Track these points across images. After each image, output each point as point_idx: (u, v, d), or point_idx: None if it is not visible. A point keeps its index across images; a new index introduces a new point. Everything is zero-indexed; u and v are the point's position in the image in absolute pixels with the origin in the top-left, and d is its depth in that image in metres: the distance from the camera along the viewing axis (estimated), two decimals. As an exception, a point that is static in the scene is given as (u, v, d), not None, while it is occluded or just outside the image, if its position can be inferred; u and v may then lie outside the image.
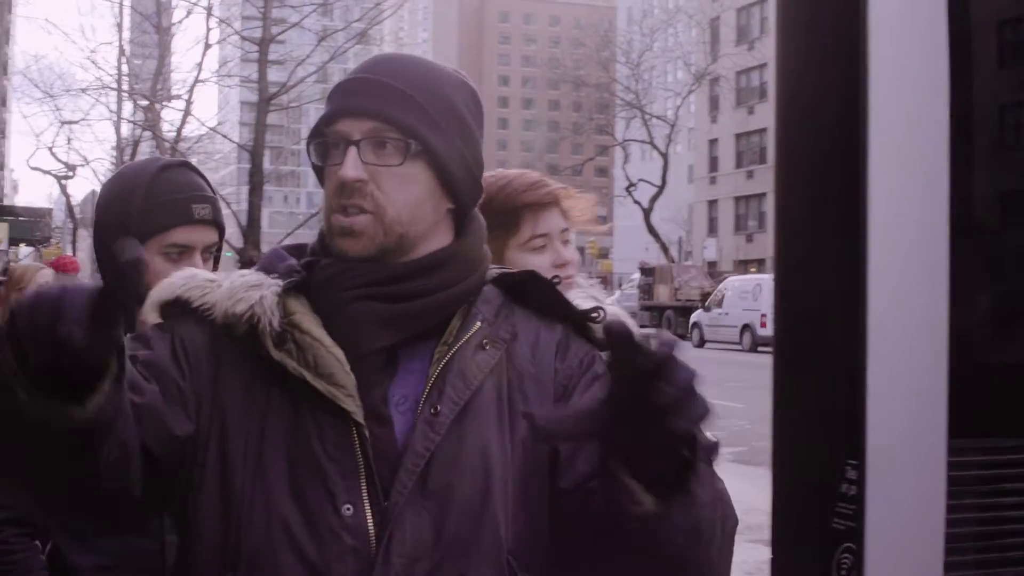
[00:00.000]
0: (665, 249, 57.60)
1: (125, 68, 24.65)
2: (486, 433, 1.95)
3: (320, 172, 2.04)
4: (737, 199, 68.88)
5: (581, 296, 2.17)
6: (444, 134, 2.00)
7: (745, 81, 67.22)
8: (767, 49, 63.90)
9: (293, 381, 1.92)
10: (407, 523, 1.88)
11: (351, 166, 1.94)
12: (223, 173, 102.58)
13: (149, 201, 2.96)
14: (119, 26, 25.40)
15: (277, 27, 18.84)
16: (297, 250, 2.11)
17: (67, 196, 47.68)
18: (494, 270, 2.16)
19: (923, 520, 2.05)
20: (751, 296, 39.16)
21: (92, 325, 1.58)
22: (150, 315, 2.07)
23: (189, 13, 23.11)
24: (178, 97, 22.46)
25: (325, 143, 2.00)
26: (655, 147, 57.69)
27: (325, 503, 1.87)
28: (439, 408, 1.93)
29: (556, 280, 2.14)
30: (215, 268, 3.08)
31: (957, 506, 2.07)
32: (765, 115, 65.17)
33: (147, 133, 24.32)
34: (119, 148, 25.49)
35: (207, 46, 21.45)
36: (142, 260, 1.61)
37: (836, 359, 2.12)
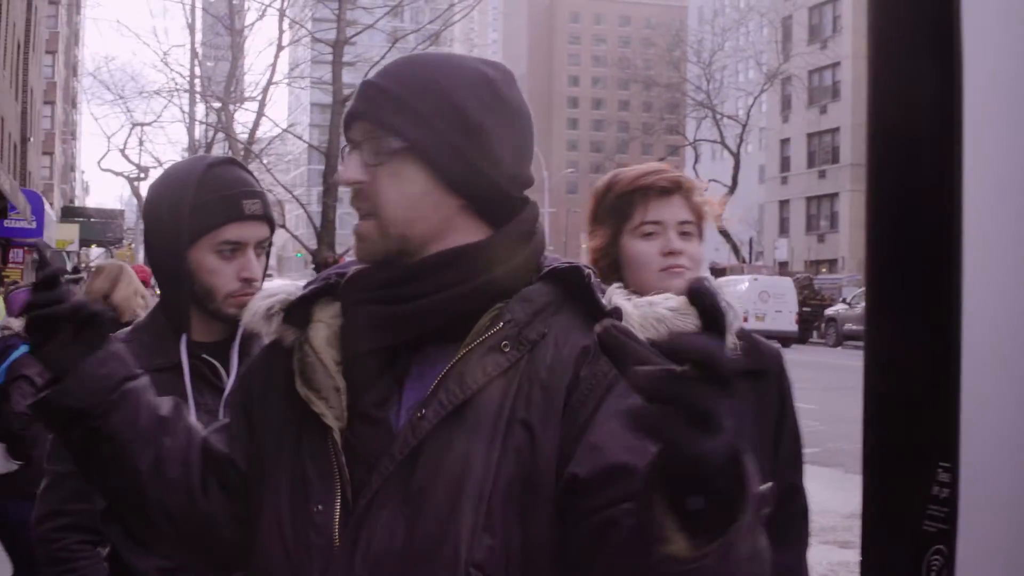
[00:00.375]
0: (736, 249, 57.31)
1: (198, 70, 24.80)
2: (475, 439, 1.86)
3: None
4: (809, 199, 68.37)
5: (620, 294, 2.06)
6: (435, 130, 1.94)
7: (817, 80, 66.69)
8: (840, 48, 63.43)
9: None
10: (378, 527, 1.85)
11: (348, 168, 1.97)
12: (294, 175, 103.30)
13: (200, 198, 2.98)
14: (191, 28, 25.58)
15: (351, 29, 18.86)
16: None
17: (138, 197, 48.17)
18: (554, 263, 2.04)
19: (1016, 522, 2.05)
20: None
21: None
22: (256, 323, 2.13)
23: (262, 15, 23.31)
24: (251, 99, 22.58)
25: (344, 148, 2.09)
26: (726, 147, 57.39)
27: (303, 502, 1.92)
28: (425, 412, 1.87)
29: (590, 277, 2.00)
30: (266, 264, 3.13)
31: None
32: (838, 114, 64.67)
33: (220, 135, 24.46)
34: (192, 149, 25.67)
35: (280, 48, 21.55)
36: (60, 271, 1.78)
37: (929, 359, 2.12)
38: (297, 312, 2.05)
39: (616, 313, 1.96)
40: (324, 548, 1.88)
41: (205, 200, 2.98)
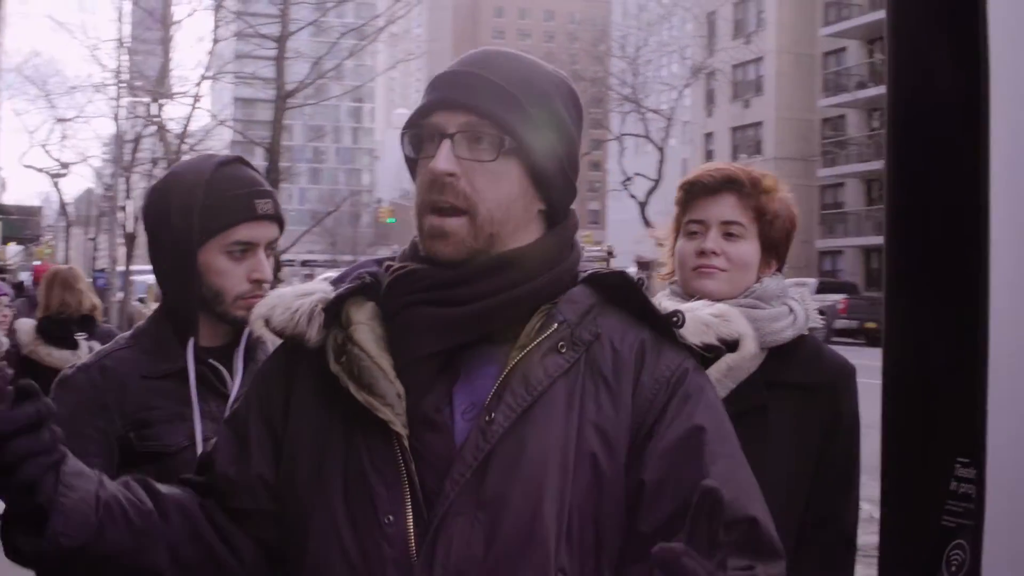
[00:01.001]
0: (661, 244, 57.31)
1: (126, 61, 24.49)
2: (547, 443, 1.86)
3: (412, 164, 2.00)
4: (732, 193, 68.66)
5: (667, 297, 2.12)
6: (540, 132, 1.94)
7: (741, 74, 67.02)
8: (763, 42, 63.87)
9: (348, 394, 1.90)
10: (454, 535, 1.82)
11: (443, 158, 1.89)
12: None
13: (210, 198, 2.89)
14: (120, 20, 25.30)
15: (293, 24, 18.69)
16: (382, 259, 2.10)
17: (60, 193, 47.48)
18: (589, 270, 2.07)
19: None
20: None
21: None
22: (256, 325, 2.06)
23: (195, 11, 23.04)
24: (183, 93, 22.34)
25: (419, 135, 1.96)
26: (651, 141, 57.52)
27: (370, 514, 1.86)
28: (494, 415, 1.86)
29: (640, 282, 2.04)
30: (273, 265, 3.04)
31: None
32: (761, 108, 65.08)
33: (149, 128, 24.21)
34: (119, 144, 25.33)
35: (215, 41, 21.30)
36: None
37: (951, 352, 2.10)
38: (330, 312, 1.98)
39: (677, 316, 1.99)
40: (400, 561, 1.83)
41: (216, 200, 2.90)
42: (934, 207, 2.14)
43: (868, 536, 2.38)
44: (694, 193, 2.81)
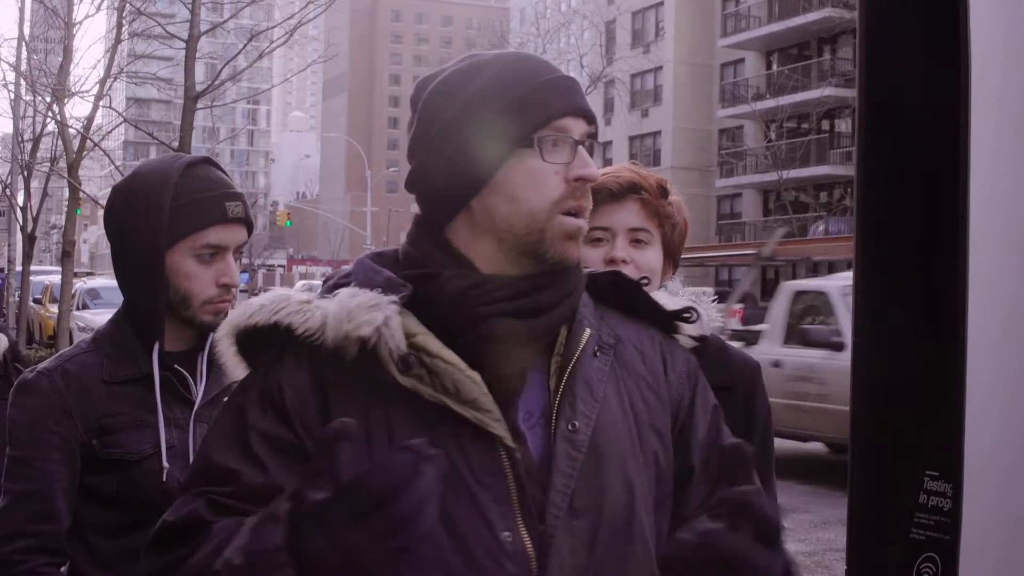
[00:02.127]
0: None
1: (27, 59, 24.15)
2: (620, 446, 1.92)
3: (495, 167, 1.89)
4: (630, 201, 69.25)
5: (665, 298, 2.12)
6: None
7: (640, 84, 67.68)
8: (662, 52, 64.59)
9: (421, 406, 1.82)
10: (563, 545, 1.83)
11: (594, 165, 1.89)
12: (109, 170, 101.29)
13: (179, 200, 2.79)
14: (21, 17, 24.98)
15: (204, 24, 18.49)
16: (382, 259, 1.99)
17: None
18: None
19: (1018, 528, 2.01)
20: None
21: None
22: (224, 343, 1.94)
23: (99, 9, 22.60)
24: (82, 93, 22.01)
25: (547, 138, 1.88)
26: (550, 148, 57.86)
27: (481, 530, 1.81)
28: (576, 424, 1.88)
29: (645, 281, 2.09)
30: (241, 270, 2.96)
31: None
32: (659, 118, 65.73)
33: (49, 127, 23.91)
34: (16, 140, 24.97)
35: (118, 40, 21.04)
36: None
37: (922, 366, 2.07)
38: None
39: (690, 312, 2.09)
40: None
41: (185, 202, 2.79)
42: (908, 211, 2.10)
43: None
44: (598, 199, 2.71)
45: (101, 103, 20.98)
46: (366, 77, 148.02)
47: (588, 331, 1.96)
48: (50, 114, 22.37)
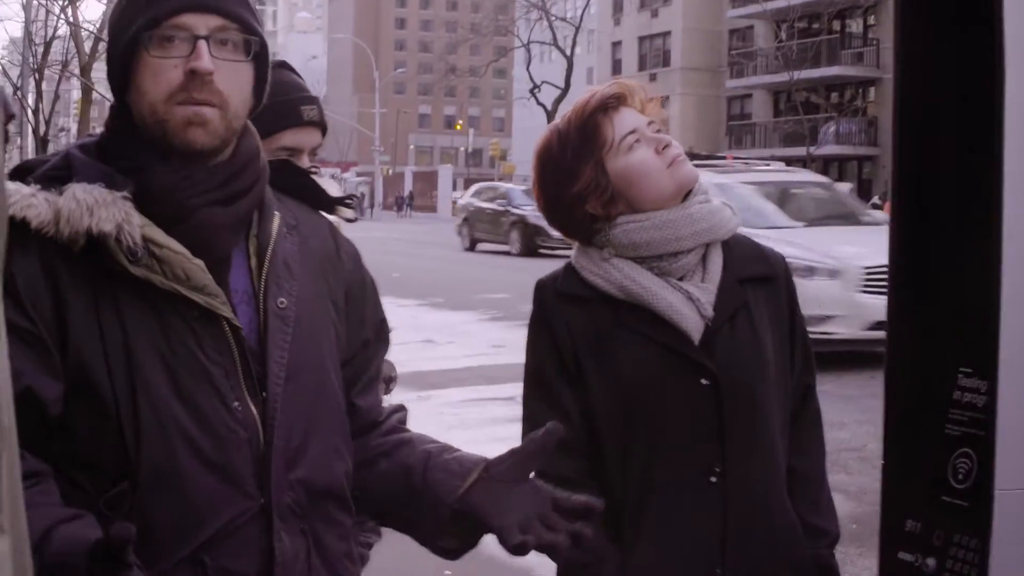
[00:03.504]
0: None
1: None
2: (314, 318, 2.14)
3: (136, 63, 2.02)
4: (639, 102, 68.61)
5: (329, 184, 2.38)
6: (263, 39, 2.11)
7: (649, -17, 66.98)
8: (672, -48, 63.66)
9: (151, 293, 1.96)
10: (280, 409, 2.04)
11: (208, 59, 1.99)
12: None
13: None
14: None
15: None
16: (87, 151, 2.08)
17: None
18: None
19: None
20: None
21: None
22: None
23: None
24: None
25: (163, 35, 2.00)
26: (559, 49, 57.49)
27: (216, 403, 1.99)
28: (284, 301, 2.09)
29: (314, 169, 2.36)
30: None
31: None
32: (668, 18, 65.05)
33: (61, 30, 23.70)
34: (29, 44, 24.79)
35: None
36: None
37: (957, 265, 2.12)
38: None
39: (351, 197, 2.46)
40: (253, 440, 2.02)
41: (262, 106, 2.81)
42: (945, 108, 2.14)
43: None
44: (608, 112, 2.74)
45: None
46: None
47: (277, 215, 2.14)
48: (63, 17, 22.22)
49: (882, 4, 50.35)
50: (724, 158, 20.54)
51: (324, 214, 2.34)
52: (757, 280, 2.79)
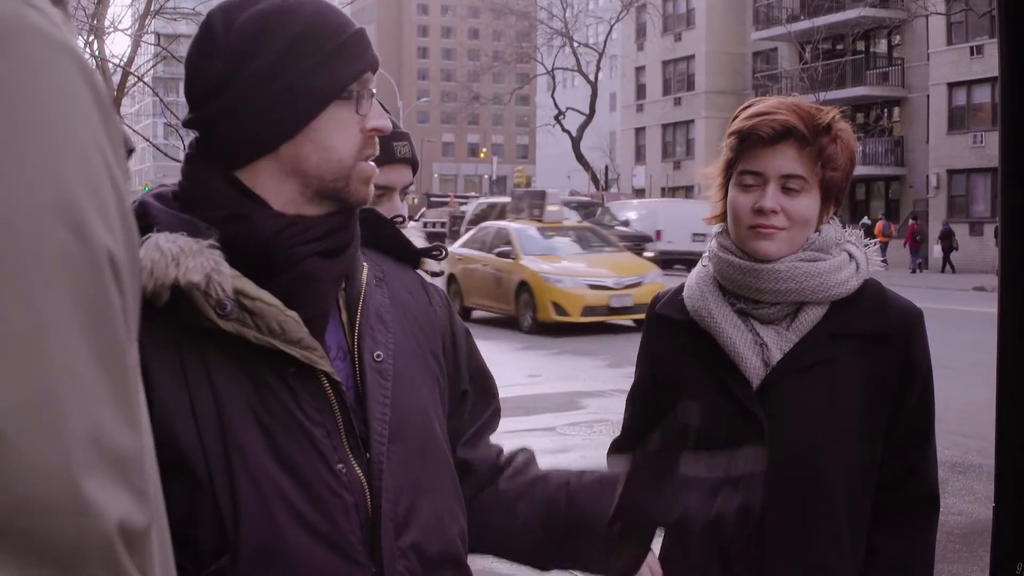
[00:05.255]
0: (595, 178, 57.68)
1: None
2: (413, 371, 2.05)
3: (313, 115, 1.91)
4: (664, 126, 68.81)
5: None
6: None
7: (672, 8, 67.09)
8: (694, -25, 63.80)
9: (242, 349, 1.83)
10: (387, 469, 1.93)
11: (387, 117, 2.00)
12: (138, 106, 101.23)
13: None
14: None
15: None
16: (164, 200, 1.95)
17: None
18: None
19: None
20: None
21: None
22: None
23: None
24: (125, 29, 21.97)
25: (358, 91, 1.94)
26: (584, 75, 57.57)
27: (318, 465, 1.87)
28: (380, 354, 1.99)
29: (398, 220, 2.24)
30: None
31: None
32: (692, 42, 65.20)
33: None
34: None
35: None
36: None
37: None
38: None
39: (439, 248, 2.27)
40: (360, 504, 1.91)
41: None
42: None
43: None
44: (751, 142, 2.59)
45: (142, 39, 20.96)
46: (394, 7, 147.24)
47: (365, 266, 2.06)
48: (88, 51, 22.35)
49: (906, 24, 50.35)
50: (448, 197, 20.64)
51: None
52: (859, 336, 2.61)
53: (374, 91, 1.96)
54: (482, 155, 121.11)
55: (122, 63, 21.38)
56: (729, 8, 63.35)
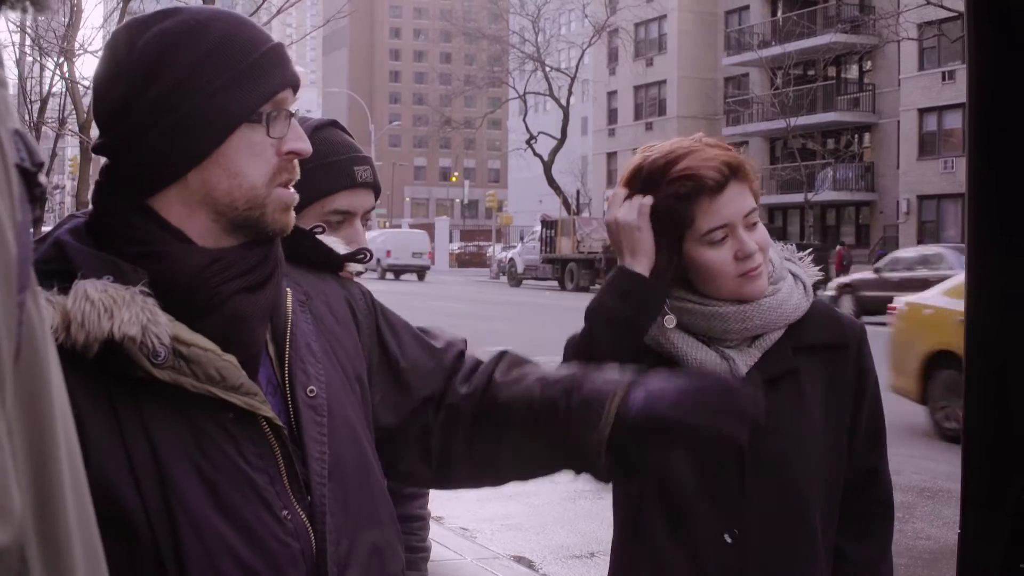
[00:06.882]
0: (567, 202, 57.73)
1: (31, 18, 24.02)
2: (342, 401, 1.93)
3: (220, 140, 1.79)
4: (636, 151, 68.65)
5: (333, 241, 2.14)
6: None
7: (644, 33, 67.40)
8: (666, 1, 64.10)
9: (178, 398, 1.73)
10: (327, 511, 1.84)
11: (306, 138, 1.88)
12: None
13: (306, 164, 2.69)
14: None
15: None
16: (79, 236, 1.80)
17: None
18: None
19: None
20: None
21: None
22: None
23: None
24: (96, 51, 21.93)
25: (270, 112, 1.82)
26: (556, 100, 57.71)
27: (263, 514, 1.77)
28: (313, 389, 1.87)
29: (319, 229, 2.11)
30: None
31: None
32: (663, 67, 65.48)
33: (56, 87, 23.73)
34: (24, 102, 24.79)
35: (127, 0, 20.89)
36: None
37: None
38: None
39: (363, 251, 2.17)
40: (306, 551, 1.81)
41: (313, 166, 2.57)
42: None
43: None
44: (703, 195, 2.50)
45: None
46: (366, 31, 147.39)
47: (289, 291, 1.92)
48: (59, 73, 22.27)
49: (877, 50, 50.66)
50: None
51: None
52: (819, 348, 2.64)
53: (293, 111, 1.85)
54: (454, 179, 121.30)
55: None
56: (701, 33, 63.68)
